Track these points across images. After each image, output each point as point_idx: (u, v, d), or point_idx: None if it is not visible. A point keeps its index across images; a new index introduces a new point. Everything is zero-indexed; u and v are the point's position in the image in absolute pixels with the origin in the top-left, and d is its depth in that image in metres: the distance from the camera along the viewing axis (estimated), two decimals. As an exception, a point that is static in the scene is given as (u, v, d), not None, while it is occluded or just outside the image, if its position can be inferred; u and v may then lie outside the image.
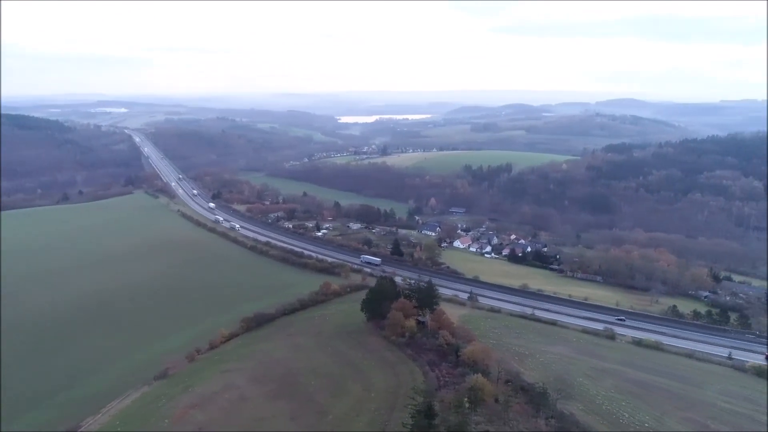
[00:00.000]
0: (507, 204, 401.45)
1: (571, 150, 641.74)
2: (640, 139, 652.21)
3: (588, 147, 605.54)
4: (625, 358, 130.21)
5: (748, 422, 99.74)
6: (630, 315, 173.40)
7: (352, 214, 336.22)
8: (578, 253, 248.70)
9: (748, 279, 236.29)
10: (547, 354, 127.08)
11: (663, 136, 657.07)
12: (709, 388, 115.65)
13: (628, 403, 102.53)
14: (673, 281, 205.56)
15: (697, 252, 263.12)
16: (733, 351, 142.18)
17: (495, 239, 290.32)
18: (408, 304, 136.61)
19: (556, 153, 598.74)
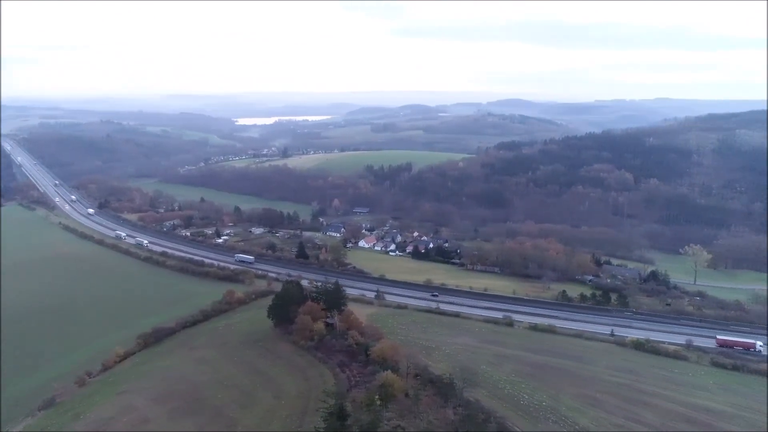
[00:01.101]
0: (409, 202, 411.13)
1: (466, 148, 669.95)
2: (528, 137, 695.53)
3: (482, 145, 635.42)
4: (523, 343, 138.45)
5: (631, 391, 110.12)
6: (525, 302, 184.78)
7: (254, 219, 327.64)
8: (477, 246, 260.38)
9: (625, 262, 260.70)
10: (453, 345, 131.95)
11: (548, 134, 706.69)
12: (597, 364, 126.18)
13: (527, 385, 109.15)
14: (561, 268, 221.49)
15: (581, 240, 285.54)
16: (615, 328, 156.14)
17: (399, 237, 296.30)
18: (316, 306, 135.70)
19: (453, 151, 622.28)
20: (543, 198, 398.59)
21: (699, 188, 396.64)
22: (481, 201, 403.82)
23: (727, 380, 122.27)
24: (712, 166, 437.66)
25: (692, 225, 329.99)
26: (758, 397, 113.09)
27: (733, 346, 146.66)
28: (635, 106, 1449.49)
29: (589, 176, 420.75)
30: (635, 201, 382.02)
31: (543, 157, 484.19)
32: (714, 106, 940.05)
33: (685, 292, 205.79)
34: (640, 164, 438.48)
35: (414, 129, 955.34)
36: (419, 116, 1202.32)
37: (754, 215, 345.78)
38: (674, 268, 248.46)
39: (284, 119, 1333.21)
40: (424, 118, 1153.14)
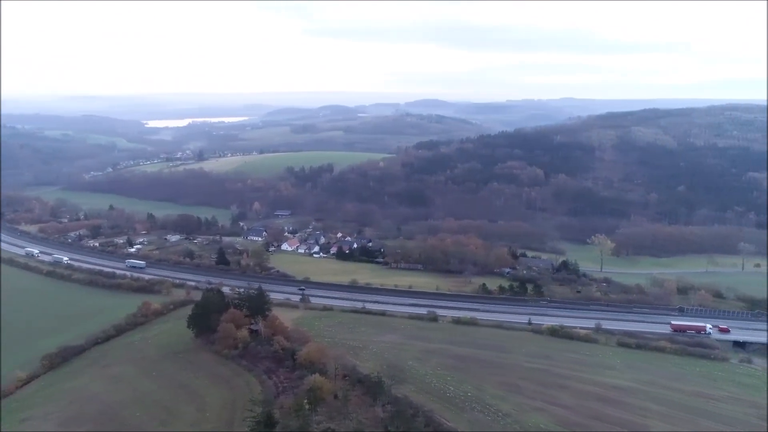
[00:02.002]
0: (331, 203, 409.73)
1: (386, 148, 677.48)
2: (445, 136, 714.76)
3: (401, 145, 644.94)
4: (447, 337, 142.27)
5: (548, 376, 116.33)
6: (448, 297, 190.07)
7: (169, 226, 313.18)
8: (400, 245, 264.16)
9: (539, 253, 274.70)
10: (380, 344, 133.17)
11: (464, 133, 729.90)
12: (517, 352, 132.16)
13: (452, 378, 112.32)
14: (481, 262, 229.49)
15: (499, 234, 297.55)
16: (532, 317, 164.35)
17: (322, 239, 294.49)
18: (239, 314, 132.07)
19: (373, 151, 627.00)
20: (461, 195, 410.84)
21: (602, 182, 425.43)
22: (402, 200, 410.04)
23: (632, 358, 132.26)
24: (612, 161, 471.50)
25: (597, 216, 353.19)
26: (658, 371, 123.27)
27: (686, 330, 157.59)
28: (543, 105, 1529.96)
29: (504, 173, 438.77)
30: (546, 195, 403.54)
31: (460, 156, 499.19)
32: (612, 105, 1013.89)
33: (593, 279, 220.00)
34: (549, 160, 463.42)
35: (334, 129, 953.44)
36: (339, 117, 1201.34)
37: (650, 205, 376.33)
38: (583, 257, 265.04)
39: (198, 121, 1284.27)
40: (344, 118, 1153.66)
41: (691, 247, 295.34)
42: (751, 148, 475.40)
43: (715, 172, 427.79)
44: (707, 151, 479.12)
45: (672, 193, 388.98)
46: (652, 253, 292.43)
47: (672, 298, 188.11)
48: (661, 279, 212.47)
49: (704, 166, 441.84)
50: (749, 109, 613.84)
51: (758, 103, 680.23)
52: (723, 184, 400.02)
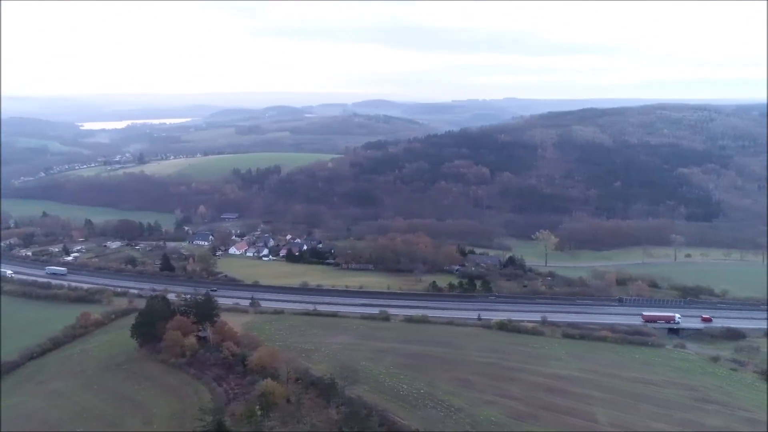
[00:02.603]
0: (280, 205, 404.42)
1: (334, 148, 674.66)
2: (393, 136, 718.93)
3: (349, 145, 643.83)
4: (399, 336, 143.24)
5: (498, 369, 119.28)
6: (399, 296, 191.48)
7: (109, 232, 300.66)
8: (350, 245, 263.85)
9: (486, 250, 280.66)
10: (332, 345, 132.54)
11: (411, 133, 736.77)
12: (467, 347, 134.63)
13: (405, 376, 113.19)
14: (431, 260, 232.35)
15: (447, 232, 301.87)
16: (481, 312, 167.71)
17: (271, 241, 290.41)
18: (185, 321, 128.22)
19: (321, 152, 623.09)
20: (410, 194, 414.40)
21: (544, 179, 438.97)
22: (351, 200, 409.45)
23: (576, 349, 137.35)
24: (554, 159, 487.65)
25: (541, 212, 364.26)
26: (601, 360, 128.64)
27: (657, 320, 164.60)
28: (487, 105, 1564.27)
29: (451, 172, 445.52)
30: (492, 193, 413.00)
31: (408, 156, 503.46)
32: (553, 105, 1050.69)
33: (538, 273, 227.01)
34: (494, 159, 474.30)
35: (281, 130, 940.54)
36: (285, 117, 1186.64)
37: (589, 201, 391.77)
38: (528, 252, 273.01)
39: (138, 123, 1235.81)
40: (291, 119, 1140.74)
41: (628, 240, 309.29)
42: (680, 145, 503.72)
43: (648, 168, 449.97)
44: (641, 149, 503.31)
45: (609, 189, 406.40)
46: (593, 246, 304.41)
47: (612, 290, 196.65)
48: (602, 271, 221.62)
49: (638, 162, 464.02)
50: (678, 108, 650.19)
51: (686, 103, 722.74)
52: (655, 179, 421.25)
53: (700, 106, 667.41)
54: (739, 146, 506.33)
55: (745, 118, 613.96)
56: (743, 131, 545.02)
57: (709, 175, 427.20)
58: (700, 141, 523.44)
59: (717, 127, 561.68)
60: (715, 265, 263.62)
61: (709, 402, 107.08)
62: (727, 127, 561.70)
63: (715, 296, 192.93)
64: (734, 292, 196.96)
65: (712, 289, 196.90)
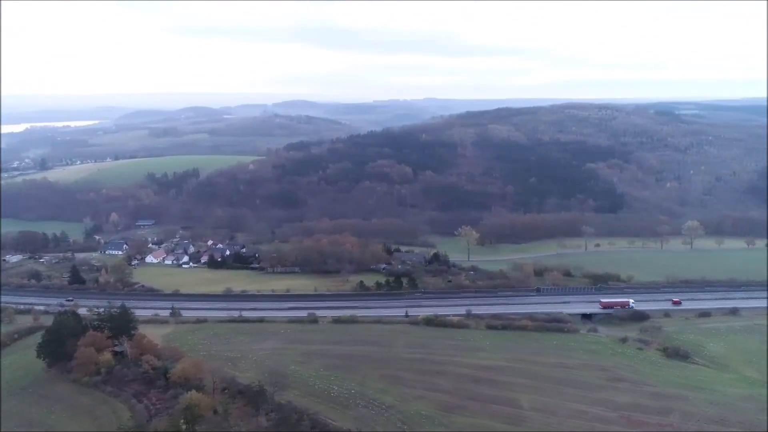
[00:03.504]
0: (199, 210, 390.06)
1: (256, 150, 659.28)
2: (316, 137, 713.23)
3: (271, 146, 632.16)
4: (328, 338, 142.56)
5: (426, 364, 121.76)
6: (327, 297, 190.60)
7: (8, 245, 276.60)
8: (275, 248, 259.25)
9: (412, 248, 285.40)
10: (259, 351, 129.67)
11: (334, 133, 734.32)
12: (396, 344, 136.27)
13: (336, 377, 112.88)
14: (357, 260, 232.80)
15: (373, 231, 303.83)
16: (409, 309, 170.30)
17: (191, 248, 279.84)
18: (99, 336, 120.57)
19: (242, 154, 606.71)
20: (335, 195, 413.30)
21: (465, 177, 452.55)
22: (275, 202, 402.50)
23: (499, 339, 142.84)
24: (473, 157, 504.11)
25: (463, 209, 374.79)
26: (523, 348, 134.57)
27: (614, 306, 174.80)
28: (408, 105, 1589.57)
29: (375, 172, 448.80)
30: (415, 192, 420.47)
31: (331, 156, 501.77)
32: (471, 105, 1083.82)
33: (462, 268, 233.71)
34: (416, 158, 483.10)
35: (198, 132, 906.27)
36: (203, 119, 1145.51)
37: (507, 197, 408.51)
38: (452, 248, 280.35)
39: (38, 126, 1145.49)
40: (209, 120, 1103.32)
41: (543, 233, 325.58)
42: (587, 142, 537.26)
43: (559, 164, 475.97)
44: (552, 146, 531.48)
45: (525, 184, 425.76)
46: (512, 240, 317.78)
47: (530, 280, 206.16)
48: (520, 263, 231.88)
49: (550, 159, 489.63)
50: (584, 107, 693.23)
51: (591, 102, 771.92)
52: (566, 174, 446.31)
53: (604, 105, 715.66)
54: (638, 142, 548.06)
55: (643, 116, 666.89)
56: (642, 128, 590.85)
57: (613, 170, 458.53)
58: (605, 138, 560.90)
59: (619, 125, 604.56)
60: (621, 253, 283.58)
61: (620, 380, 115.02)
62: (627, 124, 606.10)
63: (622, 282, 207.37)
64: (638, 277, 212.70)
65: (619, 275, 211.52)
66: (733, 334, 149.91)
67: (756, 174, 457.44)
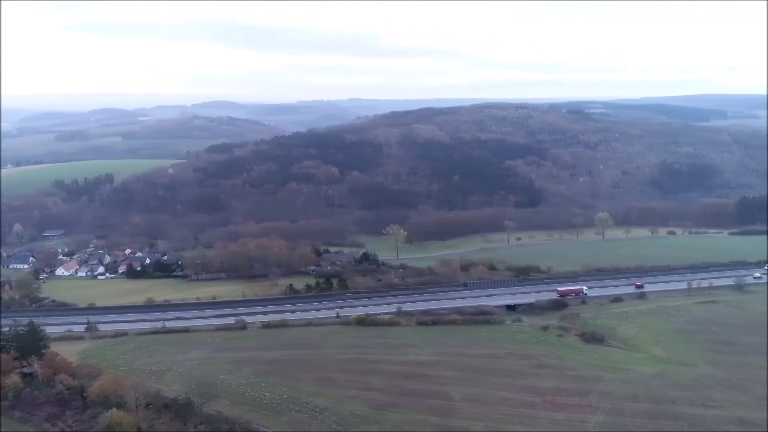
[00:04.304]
0: (115, 217, 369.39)
1: (174, 153, 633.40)
2: (238, 139, 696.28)
3: (191, 149, 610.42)
4: (258, 344, 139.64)
5: (359, 363, 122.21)
6: (256, 302, 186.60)
7: None
8: (199, 254, 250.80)
9: (341, 248, 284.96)
10: (186, 362, 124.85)
11: (257, 135, 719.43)
12: (328, 346, 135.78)
13: (267, 383, 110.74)
14: (286, 263, 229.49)
15: (301, 233, 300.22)
16: (340, 310, 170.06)
17: (107, 258, 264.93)
18: (5, 357, 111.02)
19: (159, 158, 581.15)
20: (260, 197, 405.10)
21: (391, 176, 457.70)
22: (197, 207, 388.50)
23: (429, 334, 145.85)
24: (399, 156, 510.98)
25: (390, 208, 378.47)
26: (452, 342, 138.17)
27: (569, 294, 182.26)
28: (332, 105, 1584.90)
29: (301, 173, 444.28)
30: (343, 192, 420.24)
31: (256, 158, 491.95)
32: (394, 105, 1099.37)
33: (391, 267, 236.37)
34: (342, 158, 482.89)
35: (110, 135, 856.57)
36: (115, 121, 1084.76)
37: (433, 195, 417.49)
38: (381, 247, 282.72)
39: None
40: (122, 123, 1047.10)
41: (468, 229, 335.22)
42: (506, 140, 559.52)
43: (481, 162, 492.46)
44: (474, 144, 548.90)
45: (450, 182, 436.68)
46: (438, 237, 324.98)
47: (457, 276, 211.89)
48: (447, 259, 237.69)
49: (472, 157, 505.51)
50: (502, 107, 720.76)
51: (509, 102, 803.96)
52: (488, 172, 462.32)
53: (521, 105, 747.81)
54: (553, 140, 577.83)
55: (557, 115, 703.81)
56: (555, 127, 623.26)
57: (531, 166, 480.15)
58: (522, 136, 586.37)
59: (535, 124, 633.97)
60: (540, 245, 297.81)
61: (543, 366, 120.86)
62: (542, 123, 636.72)
63: (542, 272, 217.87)
64: (557, 267, 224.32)
65: (539, 267, 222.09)
66: (642, 316, 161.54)
67: (656, 168, 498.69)
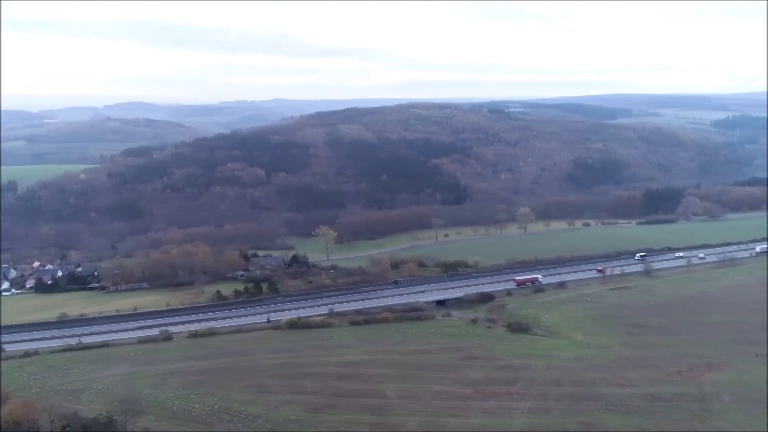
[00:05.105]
0: (20, 228, 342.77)
1: (87, 158, 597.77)
2: (157, 141, 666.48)
3: (105, 153, 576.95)
4: (185, 354, 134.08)
5: (292, 368, 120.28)
6: (181, 311, 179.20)
7: None
8: (118, 264, 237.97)
9: (270, 251, 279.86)
10: (106, 379, 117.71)
11: (178, 137, 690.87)
12: (259, 352, 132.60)
13: (196, 395, 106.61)
14: (212, 269, 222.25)
15: (227, 238, 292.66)
16: (270, 314, 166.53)
17: (12, 272, 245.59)
18: None
19: (69, 162, 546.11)
20: (183, 202, 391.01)
21: (319, 177, 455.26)
22: (114, 214, 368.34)
23: (363, 333, 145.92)
24: (326, 157, 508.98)
25: (319, 209, 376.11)
26: (385, 340, 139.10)
27: (526, 283, 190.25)
28: (256, 106, 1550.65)
29: (225, 176, 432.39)
30: (270, 194, 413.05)
31: (176, 161, 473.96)
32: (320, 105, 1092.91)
33: (322, 268, 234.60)
34: (268, 160, 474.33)
35: (13, 139, 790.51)
36: (18, 124, 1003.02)
37: (361, 195, 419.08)
38: (311, 249, 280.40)
39: None
40: (26, 125, 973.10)
41: (397, 227, 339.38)
42: (431, 140, 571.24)
43: (407, 161, 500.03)
44: (400, 144, 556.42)
45: (377, 182, 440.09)
46: (368, 236, 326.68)
47: (388, 274, 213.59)
48: (378, 258, 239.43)
49: (399, 156, 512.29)
50: (426, 106, 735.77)
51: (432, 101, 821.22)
52: (415, 171, 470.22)
53: (444, 105, 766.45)
54: (475, 138, 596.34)
55: (478, 114, 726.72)
56: (478, 126, 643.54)
57: (456, 165, 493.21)
58: (446, 135, 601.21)
59: (458, 123, 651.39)
60: (467, 241, 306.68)
61: (473, 358, 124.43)
62: (465, 122, 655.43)
63: (470, 267, 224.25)
64: (483, 261, 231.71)
65: (467, 262, 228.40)
66: (562, 304, 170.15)
67: (572, 163, 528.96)
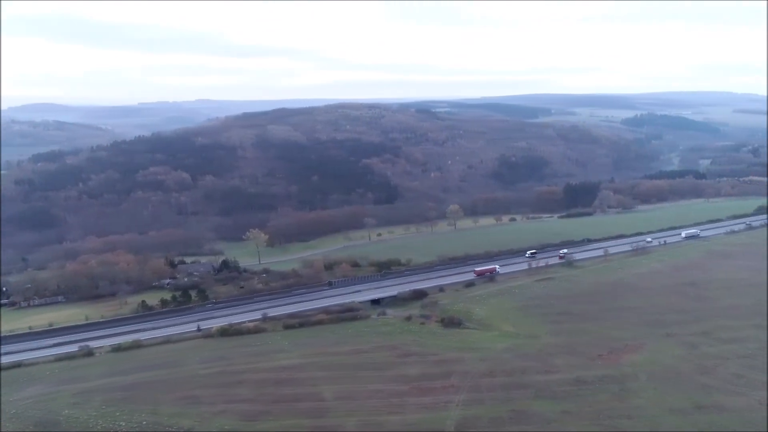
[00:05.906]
0: None
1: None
2: (70, 145, 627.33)
3: (11, 159, 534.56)
4: (108, 370, 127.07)
5: (225, 376, 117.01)
6: (102, 325, 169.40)
7: None
8: (29, 278, 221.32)
9: (198, 258, 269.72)
10: (19, 402, 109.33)
11: (94, 140, 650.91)
12: (190, 362, 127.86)
13: (122, 412, 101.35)
14: (136, 279, 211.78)
15: (152, 245, 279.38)
16: (201, 323, 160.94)
17: None
18: None
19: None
20: (101, 209, 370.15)
21: (248, 179, 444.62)
22: (23, 225, 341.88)
23: (297, 337, 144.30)
24: (255, 158, 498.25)
25: (249, 212, 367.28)
26: (320, 342, 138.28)
27: (485, 273, 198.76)
28: (178, 107, 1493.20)
29: (147, 180, 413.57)
30: (196, 198, 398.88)
31: (93, 166, 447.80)
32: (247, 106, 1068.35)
33: (254, 272, 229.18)
34: (193, 163, 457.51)
35: None
36: None
37: (292, 196, 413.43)
38: (241, 253, 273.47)
39: None
40: None
41: (329, 228, 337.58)
42: (361, 140, 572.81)
43: (338, 161, 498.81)
44: (330, 144, 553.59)
45: (308, 183, 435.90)
46: (300, 238, 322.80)
47: (321, 275, 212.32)
48: (311, 260, 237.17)
49: (329, 157, 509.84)
50: (355, 107, 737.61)
51: (361, 102, 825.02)
52: (345, 171, 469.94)
53: (373, 105, 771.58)
54: (404, 138, 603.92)
55: (407, 114, 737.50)
56: (406, 125, 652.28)
57: (386, 164, 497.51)
58: (376, 135, 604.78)
59: (387, 123, 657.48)
60: (399, 240, 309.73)
61: (408, 355, 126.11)
62: (394, 122, 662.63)
63: (403, 265, 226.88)
64: (415, 259, 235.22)
65: (400, 260, 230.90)
66: (492, 297, 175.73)
67: (497, 161, 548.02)
